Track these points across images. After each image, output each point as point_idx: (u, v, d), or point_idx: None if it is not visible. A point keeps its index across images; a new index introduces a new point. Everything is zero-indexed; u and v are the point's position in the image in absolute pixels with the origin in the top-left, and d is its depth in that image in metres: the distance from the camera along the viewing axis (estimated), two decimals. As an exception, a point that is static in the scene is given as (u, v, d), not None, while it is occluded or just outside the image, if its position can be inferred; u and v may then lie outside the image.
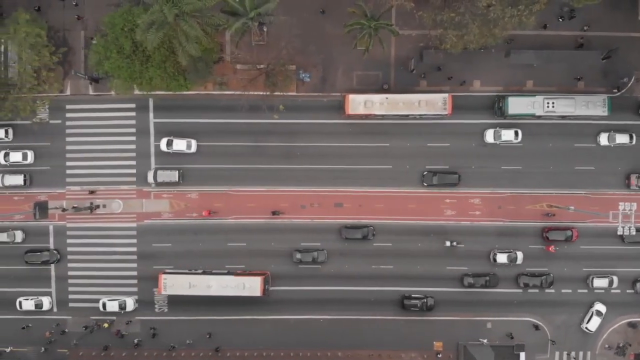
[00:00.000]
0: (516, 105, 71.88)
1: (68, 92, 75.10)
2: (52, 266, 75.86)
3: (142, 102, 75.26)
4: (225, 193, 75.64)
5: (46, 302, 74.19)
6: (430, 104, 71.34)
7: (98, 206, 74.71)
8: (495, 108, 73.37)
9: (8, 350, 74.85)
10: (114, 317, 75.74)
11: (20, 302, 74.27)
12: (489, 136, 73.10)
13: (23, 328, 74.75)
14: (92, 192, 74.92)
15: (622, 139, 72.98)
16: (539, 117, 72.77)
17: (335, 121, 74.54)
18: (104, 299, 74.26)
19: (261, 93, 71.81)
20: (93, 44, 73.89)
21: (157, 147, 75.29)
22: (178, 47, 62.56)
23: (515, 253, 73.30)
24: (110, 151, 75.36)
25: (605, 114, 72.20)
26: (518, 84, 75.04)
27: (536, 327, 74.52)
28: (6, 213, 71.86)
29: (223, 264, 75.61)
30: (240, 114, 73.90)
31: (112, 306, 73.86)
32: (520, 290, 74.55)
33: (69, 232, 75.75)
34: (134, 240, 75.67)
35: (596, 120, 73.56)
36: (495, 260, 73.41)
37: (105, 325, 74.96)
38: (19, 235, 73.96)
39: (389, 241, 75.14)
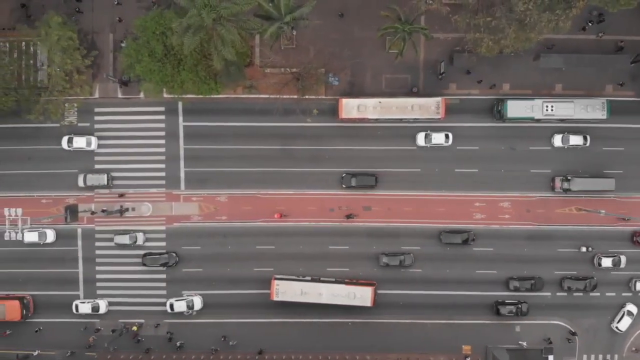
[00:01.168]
0: (515, 108, 71.79)
1: (97, 95, 75.00)
2: (80, 269, 75.74)
3: (171, 105, 75.24)
4: (254, 196, 75.65)
5: (103, 305, 73.98)
6: (424, 108, 71.53)
7: (127, 209, 74.64)
8: (495, 111, 73.37)
9: (35, 353, 74.78)
10: (143, 320, 75.68)
11: (76, 305, 74.22)
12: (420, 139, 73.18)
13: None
14: (121, 195, 74.90)
15: (576, 140, 72.80)
16: (538, 121, 72.64)
17: (361, 125, 74.40)
18: (172, 299, 74.28)
19: (292, 96, 71.66)
20: (123, 47, 73.91)
21: (187, 150, 75.24)
22: (213, 51, 62.51)
23: (619, 257, 73.11)
24: (139, 154, 75.32)
25: (605, 117, 72.05)
26: (547, 88, 75.02)
27: (572, 333, 74.33)
28: (38, 217, 71.29)
29: (252, 266, 75.59)
30: (268, 117, 73.96)
31: (180, 306, 73.88)
32: (565, 294, 74.60)
33: (97, 235, 75.70)
34: (163, 243, 75.69)
35: (595, 124, 73.25)
36: (599, 264, 73.32)
37: (135, 328, 74.96)
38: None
39: (417, 245, 75.10)
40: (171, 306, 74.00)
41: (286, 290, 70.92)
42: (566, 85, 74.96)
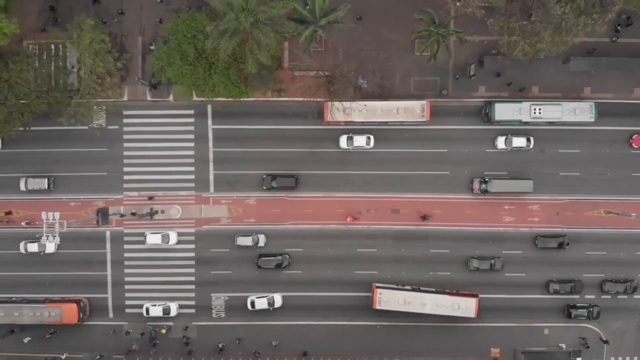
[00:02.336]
0: (503, 111, 71.90)
1: (125, 98, 74.87)
2: (109, 272, 75.75)
3: (200, 108, 75.17)
4: (282, 199, 75.63)
5: (174, 307, 74.14)
6: (409, 111, 71.71)
7: (157, 212, 74.62)
8: (482, 114, 73.45)
9: (64, 357, 74.77)
10: (172, 323, 75.70)
11: (147, 309, 74.37)
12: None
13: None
14: (150, 198, 74.86)
15: (519, 142, 72.81)
16: (526, 124, 72.72)
17: (391, 127, 74.40)
18: (252, 296, 74.25)
19: (322, 99, 71.65)
20: (152, 49, 73.84)
21: (216, 152, 75.27)
22: (248, 55, 62.41)
23: None
24: (169, 157, 75.28)
25: (593, 120, 72.11)
26: (575, 91, 75.00)
27: (605, 341, 74.33)
28: (71, 220, 71.21)
29: (280, 269, 75.49)
30: (297, 120, 74.16)
31: (262, 303, 73.73)
32: (609, 297, 74.79)
33: (126, 238, 75.65)
34: (192, 246, 75.67)
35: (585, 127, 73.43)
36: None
37: (163, 331, 74.95)
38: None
39: (446, 247, 75.05)
40: (252, 303, 74.13)
41: (389, 300, 70.93)
42: (595, 88, 74.93)
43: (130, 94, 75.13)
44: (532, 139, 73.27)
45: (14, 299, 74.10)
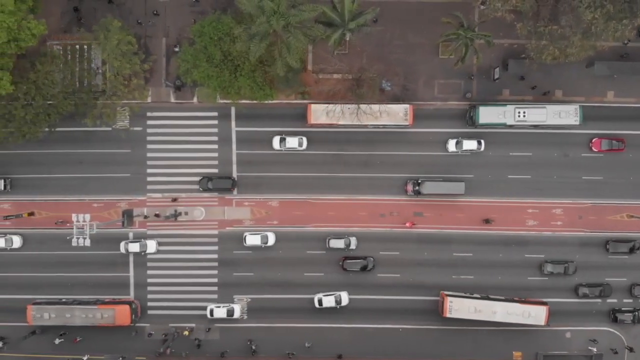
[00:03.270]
0: (487, 114, 71.82)
1: (149, 100, 74.82)
2: (131, 273, 75.81)
3: (224, 110, 75.19)
4: (305, 201, 75.68)
5: (237, 309, 74.06)
6: (392, 114, 71.82)
7: (180, 213, 74.67)
8: (467, 117, 73.48)
9: (85, 358, 74.67)
10: (194, 325, 75.74)
11: (211, 310, 74.24)
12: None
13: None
14: (174, 200, 74.92)
15: (469, 145, 72.88)
16: (511, 127, 72.73)
17: (415, 130, 74.39)
18: (319, 295, 73.99)
19: (346, 102, 71.70)
20: (176, 51, 73.94)
21: (239, 155, 75.35)
22: (277, 58, 62.41)
23: None
24: (192, 159, 75.30)
25: (577, 123, 72.05)
26: (599, 95, 75.08)
27: (630, 349, 74.40)
28: (100, 222, 71.25)
29: (302, 271, 75.63)
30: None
31: (329, 301, 73.49)
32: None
33: (153, 240, 75.67)
34: (215, 247, 75.74)
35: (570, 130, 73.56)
36: None
37: (186, 333, 74.95)
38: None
39: (469, 251, 75.13)
40: (319, 301, 74.10)
41: (460, 308, 70.95)
42: (618, 92, 74.99)
43: (154, 95, 75.14)
44: (482, 141, 73.31)
45: (63, 300, 73.93)
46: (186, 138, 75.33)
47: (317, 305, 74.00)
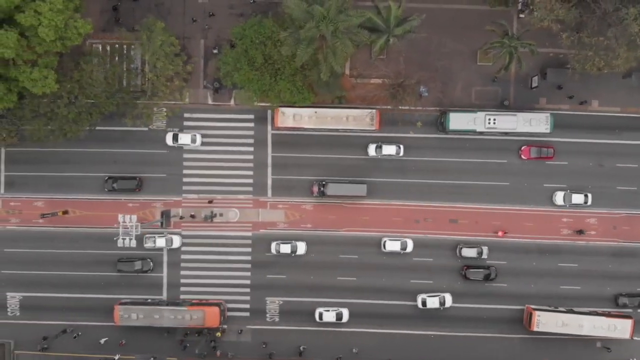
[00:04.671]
0: (457, 120, 72.01)
1: (187, 101, 74.90)
2: (165, 273, 75.96)
3: (260, 113, 75.40)
4: (339, 205, 75.79)
5: (346, 313, 74.17)
6: (358, 119, 72.19)
7: (215, 215, 74.82)
8: (438, 123, 73.61)
9: (116, 358, 74.74)
10: (225, 326, 75.83)
11: (321, 314, 74.08)
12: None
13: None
14: (210, 202, 75.07)
15: (389, 150, 73.31)
16: (481, 134, 72.94)
17: (451, 136, 74.52)
18: (423, 295, 73.97)
19: (384, 107, 71.93)
20: (214, 53, 74.10)
21: (275, 157, 75.52)
22: (322, 62, 62.51)
23: None
24: (228, 161, 75.47)
25: (548, 131, 72.21)
26: (635, 106, 75.13)
27: None
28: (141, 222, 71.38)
29: (335, 275, 75.55)
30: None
31: (433, 302, 73.54)
32: None
33: (184, 240, 75.82)
34: (249, 249, 75.87)
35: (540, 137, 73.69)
36: None
37: (218, 334, 75.02)
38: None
39: (503, 259, 75.16)
40: (423, 302, 73.88)
41: (547, 322, 71.15)
42: (655, 103, 75.18)
43: (191, 97, 75.26)
44: (401, 146, 73.55)
45: (149, 300, 74.08)
46: (222, 140, 75.43)
47: (420, 305, 73.94)
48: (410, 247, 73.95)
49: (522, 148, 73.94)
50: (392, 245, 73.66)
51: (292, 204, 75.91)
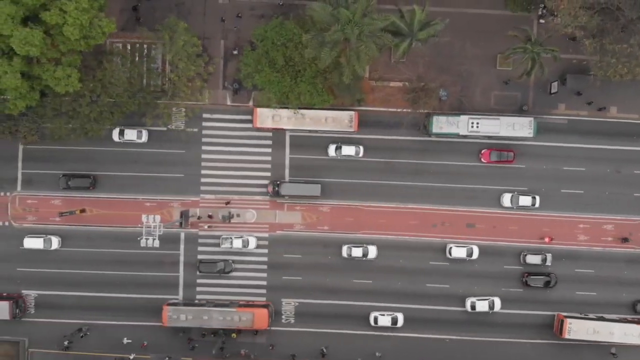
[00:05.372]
0: (440, 124, 72.22)
1: (206, 101, 74.88)
2: (181, 273, 75.95)
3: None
4: (356, 208, 75.87)
5: (400, 317, 74.09)
6: (337, 120, 72.57)
7: (233, 215, 74.87)
8: (421, 126, 73.85)
9: (132, 357, 74.75)
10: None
11: (376, 318, 73.98)
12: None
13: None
14: (227, 203, 75.13)
15: (348, 150, 73.50)
16: (465, 137, 73.15)
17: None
18: (472, 298, 74.02)
19: (404, 110, 71.95)
20: (234, 54, 74.15)
21: (292, 159, 75.53)
22: (345, 65, 62.58)
23: None
24: (246, 162, 75.54)
25: (531, 135, 72.44)
26: (654, 113, 75.41)
27: None
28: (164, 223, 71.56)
29: (350, 278, 75.85)
30: (373, 129, 74.76)
31: (482, 306, 73.52)
32: None
33: (200, 240, 75.84)
34: (266, 250, 75.89)
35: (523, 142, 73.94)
36: None
37: (234, 335, 75.01)
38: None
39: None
40: (472, 306, 73.89)
41: (578, 329, 71.35)
42: (674, 111, 75.33)
43: (210, 97, 75.27)
44: (361, 147, 73.70)
45: (195, 301, 73.94)
46: (241, 141, 75.53)
47: (469, 309, 73.98)
48: (476, 254, 73.88)
49: (482, 152, 74.13)
50: (458, 252, 73.61)
51: (309, 206, 75.96)
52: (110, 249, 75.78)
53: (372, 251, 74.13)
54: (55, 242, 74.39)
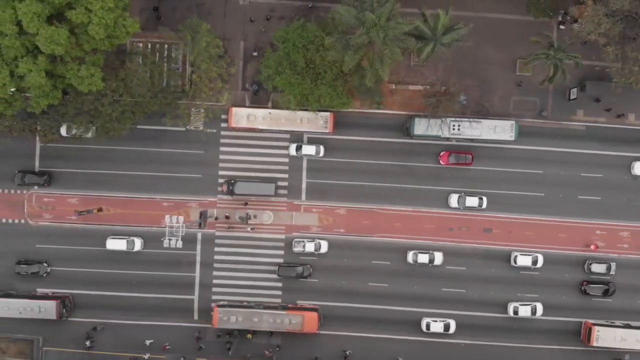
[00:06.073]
0: (422, 126, 72.33)
1: (225, 102, 74.75)
2: (197, 273, 75.96)
3: (297, 116, 75.46)
4: (372, 211, 75.92)
5: (452, 324, 73.70)
6: (312, 121, 72.69)
7: (250, 217, 74.90)
8: (404, 128, 73.98)
9: (146, 357, 74.70)
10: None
11: (428, 324, 73.72)
12: None
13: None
14: (245, 204, 75.15)
15: (308, 150, 73.80)
16: (447, 139, 73.42)
17: (501, 146, 74.75)
18: (515, 303, 73.79)
19: (424, 113, 72.13)
20: (254, 55, 74.23)
21: (310, 161, 75.51)
22: (368, 69, 62.65)
23: None
24: (263, 163, 75.56)
25: (512, 138, 72.59)
26: (672, 120, 75.52)
27: None
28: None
29: (367, 281, 75.73)
30: (391, 133, 74.92)
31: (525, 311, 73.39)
32: None
33: (217, 241, 75.85)
34: (282, 252, 75.91)
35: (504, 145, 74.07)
36: None
37: (249, 336, 74.99)
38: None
39: (536, 270, 75.35)
40: (515, 311, 73.98)
41: (606, 337, 71.51)
42: (693, 118, 75.47)
43: (230, 99, 75.12)
44: (322, 147, 73.83)
45: (245, 303, 73.90)
46: (259, 142, 75.49)
47: (512, 314, 73.73)
48: (540, 262, 73.82)
49: (441, 154, 74.21)
50: (524, 260, 73.53)
51: (326, 208, 76.00)
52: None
53: (439, 257, 73.95)
54: (138, 244, 74.11)
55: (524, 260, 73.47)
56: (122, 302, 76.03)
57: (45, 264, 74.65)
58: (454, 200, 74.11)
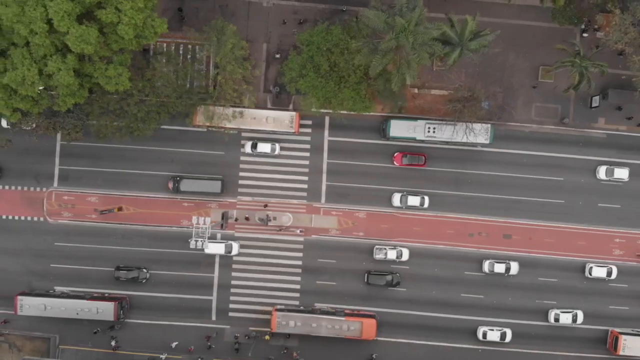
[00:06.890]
0: (398, 128, 72.65)
1: (247, 104, 74.57)
2: (216, 274, 75.96)
3: (317, 119, 75.49)
4: (391, 215, 75.99)
5: (509, 333, 73.74)
6: (278, 121, 72.59)
7: (270, 218, 74.96)
8: (380, 130, 74.31)
9: (163, 357, 74.69)
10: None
11: (485, 333, 73.77)
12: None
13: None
14: (265, 206, 75.23)
15: (263, 148, 73.89)
16: (422, 142, 73.58)
17: (512, 151, 74.74)
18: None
19: (446, 119, 72.22)
20: (276, 58, 74.27)
21: (330, 164, 75.73)
22: (395, 73, 62.74)
23: None
24: (284, 165, 75.65)
25: (488, 142, 72.82)
26: (691, 128, 75.56)
27: None
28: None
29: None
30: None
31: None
32: None
33: (237, 242, 75.88)
34: (300, 254, 75.99)
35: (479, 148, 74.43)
36: None
37: (267, 337, 75.05)
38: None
39: (554, 277, 75.41)
40: (556, 318, 74.07)
41: (633, 346, 71.46)
42: None
43: (252, 101, 74.94)
44: (277, 145, 73.86)
45: (301, 307, 73.79)
46: (280, 144, 75.51)
47: (552, 321, 73.97)
48: (614, 274, 73.71)
49: (395, 155, 74.45)
50: (599, 272, 73.55)
51: (346, 212, 76.05)
52: (146, 247, 75.80)
53: (515, 267, 73.53)
54: (235, 248, 74.14)
55: (599, 272, 73.47)
56: (139, 301, 75.96)
57: (144, 270, 74.29)
58: (396, 199, 74.41)
